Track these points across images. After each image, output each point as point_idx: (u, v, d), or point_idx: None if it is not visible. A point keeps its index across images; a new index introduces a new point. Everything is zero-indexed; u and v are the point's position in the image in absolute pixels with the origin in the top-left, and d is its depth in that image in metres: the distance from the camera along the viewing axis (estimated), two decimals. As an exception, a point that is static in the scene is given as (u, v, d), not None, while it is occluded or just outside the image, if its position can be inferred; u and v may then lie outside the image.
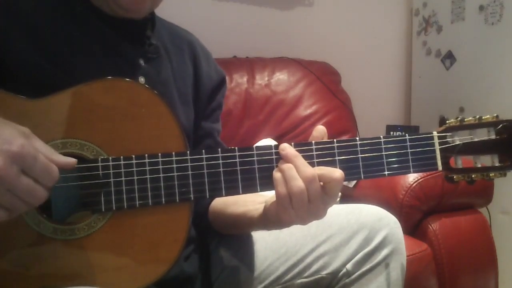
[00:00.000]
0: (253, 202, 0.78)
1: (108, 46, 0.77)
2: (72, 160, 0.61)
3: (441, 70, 1.98)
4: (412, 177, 1.28)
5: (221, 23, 1.86)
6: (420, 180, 1.27)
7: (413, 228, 1.31)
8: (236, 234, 0.89)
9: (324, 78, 1.78)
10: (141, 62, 0.79)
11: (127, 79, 0.69)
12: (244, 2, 1.92)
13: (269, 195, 0.71)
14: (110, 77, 0.69)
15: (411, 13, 2.16)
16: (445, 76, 1.96)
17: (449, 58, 1.94)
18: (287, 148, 0.66)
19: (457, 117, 0.73)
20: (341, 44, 2.06)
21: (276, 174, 0.65)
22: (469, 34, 1.83)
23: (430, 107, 2.05)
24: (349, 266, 0.80)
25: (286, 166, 0.65)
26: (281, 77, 1.74)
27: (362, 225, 0.81)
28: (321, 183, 0.64)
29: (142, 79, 0.78)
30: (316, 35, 2.02)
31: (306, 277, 0.82)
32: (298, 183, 0.63)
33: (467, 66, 1.85)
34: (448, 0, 1.91)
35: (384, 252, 0.79)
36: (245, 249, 0.87)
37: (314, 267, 0.82)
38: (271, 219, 0.70)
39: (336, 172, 0.64)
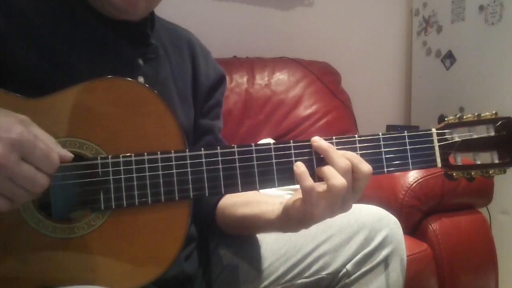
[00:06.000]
0: (266, 203, 0.77)
1: (107, 46, 0.77)
2: (69, 154, 0.61)
3: (441, 70, 1.98)
4: (412, 177, 1.28)
5: (221, 23, 1.86)
6: (420, 180, 1.27)
7: (413, 228, 1.31)
8: (238, 234, 0.88)
9: (324, 78, 1.78)
10: (140, 62, 0.79)
11: (127, 78, 0.69)
12: (244, 2, 1.92)
13: (283, 196, 0.70)
14: (109, 76, 0.69)
15: (411, 13, 2.16)
16: (445, 76, 1.96)
17: (449, 58, 1.94)
18: (319, 141, 0.67)
19: (456, 114, 0.73)
20: (341, 44, 2.06)
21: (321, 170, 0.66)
22: (469, 34, 1.83)
23: (430, 107, 2.05)
24: (349, 266, 0.80)
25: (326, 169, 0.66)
26: (281, 77, 1.74)
27: (362, 225, 0.81)
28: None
29: (141, 79, 0.78)
30: (316, 35, 2.02)
31: (306, 278, 0.82)
32: (340, 180, 0.64)
33: (467, 66, 1.85)
34: (448, 0, 1.91)
35: (384, 252, 0.79)
36: (245, 249, 0.87)
37: (314, 268, 0.81)
38: (294, 217, 0.69)
39: (365, 166, 0.66)
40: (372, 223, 0.80)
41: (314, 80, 1.76)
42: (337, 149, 0.68)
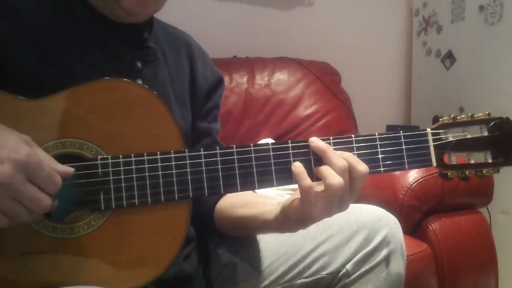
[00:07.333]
0: (264, 204, 0.77)
1: (106, 48, 0.77)
2: (70, 169, 0.62)
3: (441, 70, 1.98)
4: (412, 177, 1.28)
5: (221, 23, 1.87)
6: (420, 180, 1.27)
7: (413, 228, 1.31)
8: (237, 236, 0.88)
9: (324, 78, 1.78)
10: (139, 64, 0.79)
11: (126, 80, 0.70)
12: (244, 2, 1.92)
13: (283, 196, 0.71)
14: (109, 78, 0.69)
15: (411, 13, 2.16)
16: (445, 76, 1.96)
17: (449, 58, 1.94)
18: (317, 141, 0.68)
19: (450, 115, 0.75)
20: (341, 44, 2.06)
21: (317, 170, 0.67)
22: (469, 34, 1.83)
23: (430, 107, 2.05)
24: (349, 266, 0.80)
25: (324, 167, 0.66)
26: (281, 77, 1.74)
27: (362, 225, 0.81)
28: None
29: (139, 82, 0.78)
30: (316, 35, 2.02)
31: (306, 277, 0.82)
32: (338, 179, 0.64)
33: (467, 66, 1.85)
34: (448, 0, 1.91)
35: (384, 252, 0.79)
36: (245, 249, 0.87)
37: (314, 267, 0.82)
38: (292, 217, 0.69)
39: (361, 166, 0.66)
40: (372, 223, 0.80)
41: (314, 80, 1.76)
42: (334, 149, 0.68)
